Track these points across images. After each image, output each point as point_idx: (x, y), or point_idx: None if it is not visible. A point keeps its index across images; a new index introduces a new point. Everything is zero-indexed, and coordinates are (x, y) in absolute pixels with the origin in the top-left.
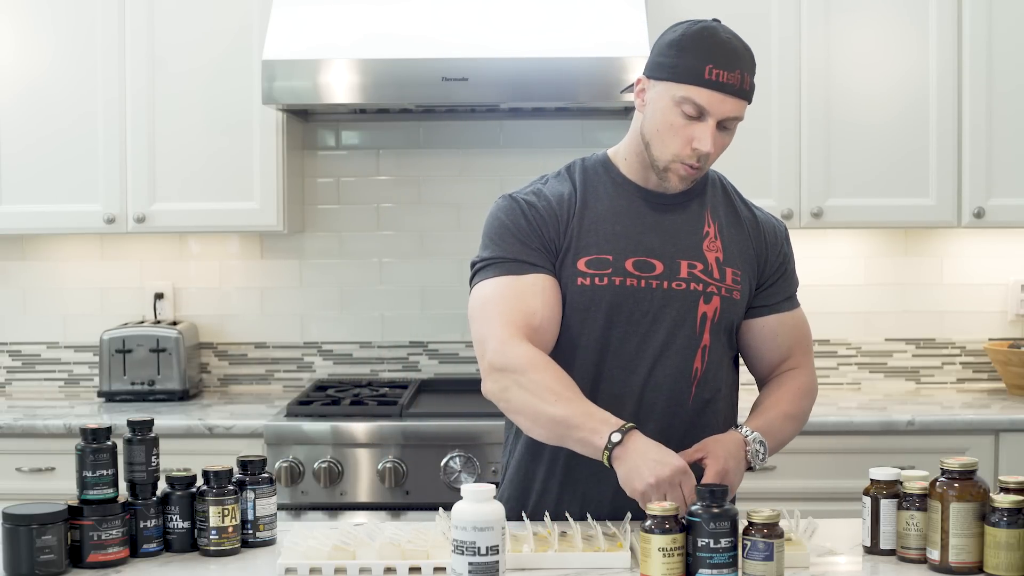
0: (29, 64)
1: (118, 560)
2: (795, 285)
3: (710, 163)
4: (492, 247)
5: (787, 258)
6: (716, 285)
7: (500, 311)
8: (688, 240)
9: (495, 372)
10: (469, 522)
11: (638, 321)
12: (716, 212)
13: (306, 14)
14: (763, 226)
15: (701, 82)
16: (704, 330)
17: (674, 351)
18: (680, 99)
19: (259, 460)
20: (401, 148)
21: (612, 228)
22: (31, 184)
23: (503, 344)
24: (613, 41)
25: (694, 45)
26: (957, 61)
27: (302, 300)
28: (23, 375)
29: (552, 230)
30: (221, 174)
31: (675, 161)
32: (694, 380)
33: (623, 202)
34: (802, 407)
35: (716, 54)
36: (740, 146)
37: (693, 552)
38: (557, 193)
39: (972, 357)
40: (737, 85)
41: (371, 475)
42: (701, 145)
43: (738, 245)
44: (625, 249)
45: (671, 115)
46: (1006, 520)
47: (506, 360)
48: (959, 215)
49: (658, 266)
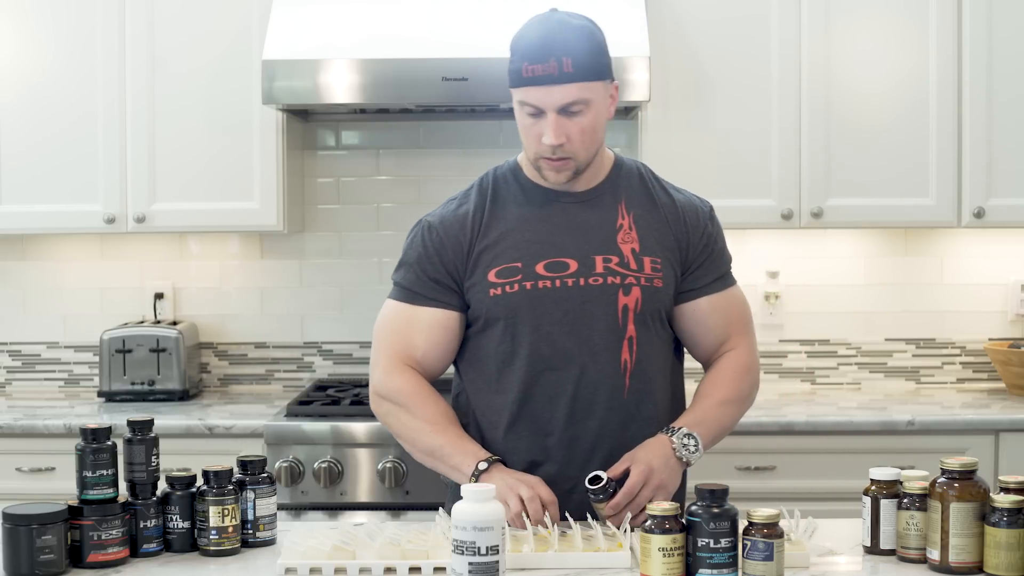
0: (29, 64)
1: (118, 560)
2: (726, 264)
3: (581, 148)
4: (399, 271)
5: (712, 238)
6: (634, 276)
7: (389, 341)
8: (601, 235)
9: (378, 398)
10: (469, 522)
11: (559, 321)
12: (631, 203)
13: (306, 14)
14: (683, 210)
15: (522, 82)
16: (628, 322)
17: (601, 346)
18: (518, 104)
19: (259, 460)
20: (401, 148)
21: (521, 235)
22: (31, 184)
23: (386, 374)
24: (613, 41)
25: (514, 46)
26: (957, 61)
27: (302, 300)
28: (23, 375)
29: (452, 253)
30: (221, 174)
31: (538, 158)
32: (626, 373)
33: (533, 207)
34: (740, 389)
35: (529, 50)
36: (740, 146)
37: (693, 552)
38: (462, 214)
39: (972, 357)
40: (555, 73)
41: (371, 475)
42: (547, 139)
43: (656, 233)
44: (535, 253)
45: (521, 118)
46: (1006, 520)
47: (387, 390)
48: (959, 215)
49: (572, 264)
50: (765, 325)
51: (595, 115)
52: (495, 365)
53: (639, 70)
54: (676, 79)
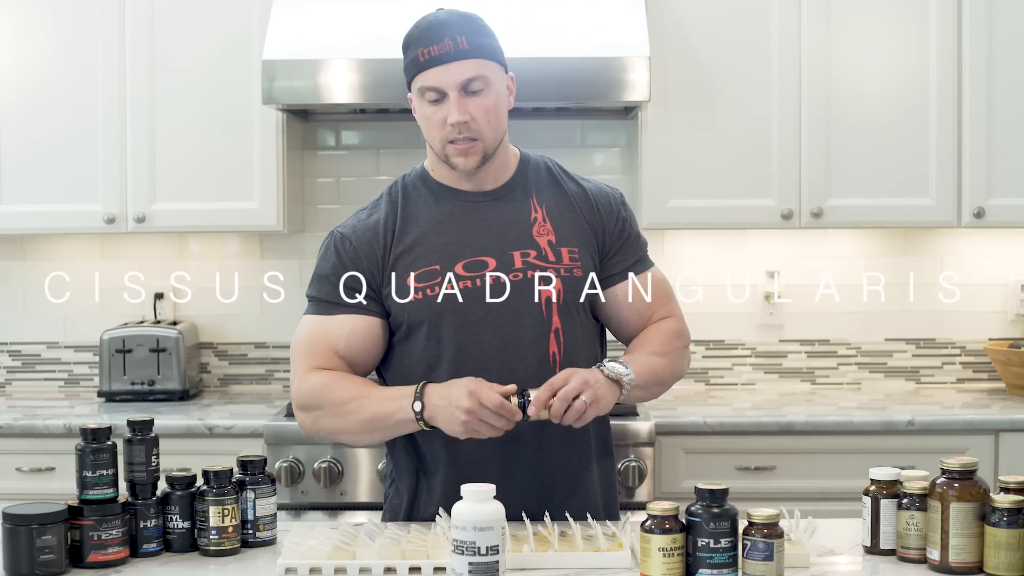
0: (29, 64)
1: (118, 560)
2: (643, 248)
3: (486, 128)
4: (312, 285)
5: (626, 223)
6: (553, 268)
7: (304, 352)
8: (516, 230)
9: (300, 411)
10: (469, 522)
11: (482, 320)
12: (541, 196)
13: (306, 14)
14: (594, 198)
15: (419, 67)
16: (551, 313)
17: (527, 341)
18: (419, 92)
19: (259, 460)
20: (401, 148)
21: (436, 238)
22: (31, 184)
23: (299, 383)
24: (613, 41)
25: (406, 43)
26: (957, 61)
27: (302, 300)
28: (23, 375)
29: (367, 261)
30: (221, 174)
31: (444, 143)
32: (555, 365)
33: (445, 209)
34: (672, 346)
35: (422, 38)
36: (740, 146)
37: (693, 552)
38: (373, 223)
39: (972, 357)
40: (451, 50)
41: (371, 475)
42: (451, 118)
43: (570, 223)
44: (453, 255)
45: (423, 109)
46: (1006, 520)
47: (303, 397)
48: (959, 215)
49: (491, 262)
50: (765, 325)
51: (496, 97)
52: (421, 370)
53: (639, 70)
54: (676, 79)
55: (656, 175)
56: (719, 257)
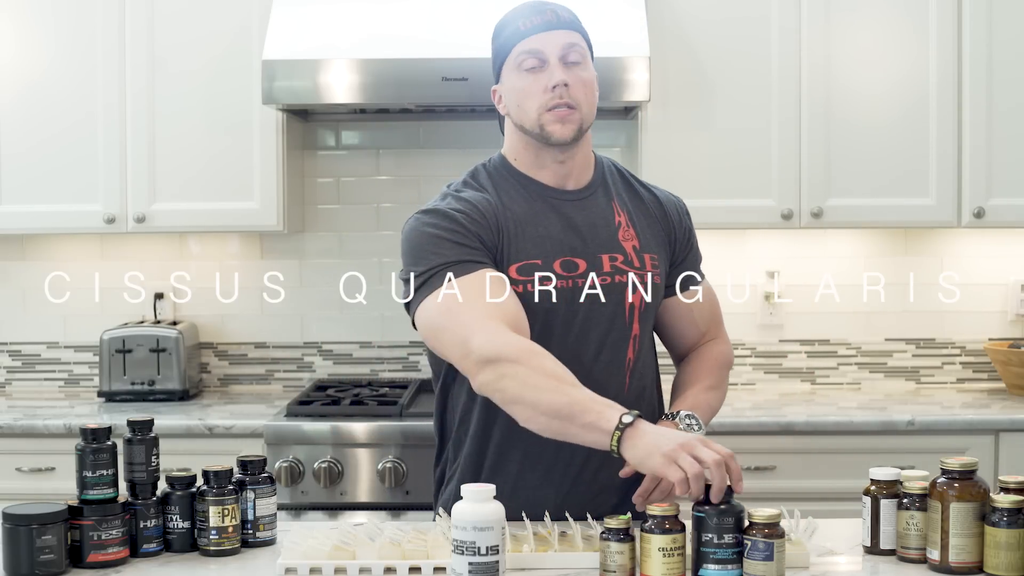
0: (29, 64)
1: (118, 560)
2: (700, 258)
3: (583, 100)
4: (429, 258)
5: (691, 232)
6: (639, 274)
7: (472, 308)
8: (604, 233)
9: (487, 365)
10: (469, 522)
11: (571, 321)
12: (621, 200)
13: (306, 14)
14: (666, 205)
15: (521, 35)
16: (634, 320)
17: (609, 345)
18: (517, 61)
19: (259, 460)
20: (401, 148)
21: (535, 231)
22: (31, 184)
23: (491, 335)
24: (613, 41)
25: (501, 26)
26: (957, 61)
27: (302, 300)
28: (23, 375)
29: (487, 232)
30: (221, 174)
31: (541, 111)
32: (628, 370)
33: (537, 203)
34: (721, 377)
35: (520, 14)
36: (740, 146)
37: (697, 548)
38: (478, 198)
39: (972, 357)
40: (554, 20)
41: (371, 475)
42: (553, 79)
43: (649, 229)
44: (552, 251)
45: (520, 81)
46: (1006, 520)
47: (498, 350)
48: (959, 215)
49: (581, 264)
50: (765, 325)
51: (592, 73)
52: None
53: (639, 70)
54: (676, 79)
55: (656, 175)
56: (719, 257)
